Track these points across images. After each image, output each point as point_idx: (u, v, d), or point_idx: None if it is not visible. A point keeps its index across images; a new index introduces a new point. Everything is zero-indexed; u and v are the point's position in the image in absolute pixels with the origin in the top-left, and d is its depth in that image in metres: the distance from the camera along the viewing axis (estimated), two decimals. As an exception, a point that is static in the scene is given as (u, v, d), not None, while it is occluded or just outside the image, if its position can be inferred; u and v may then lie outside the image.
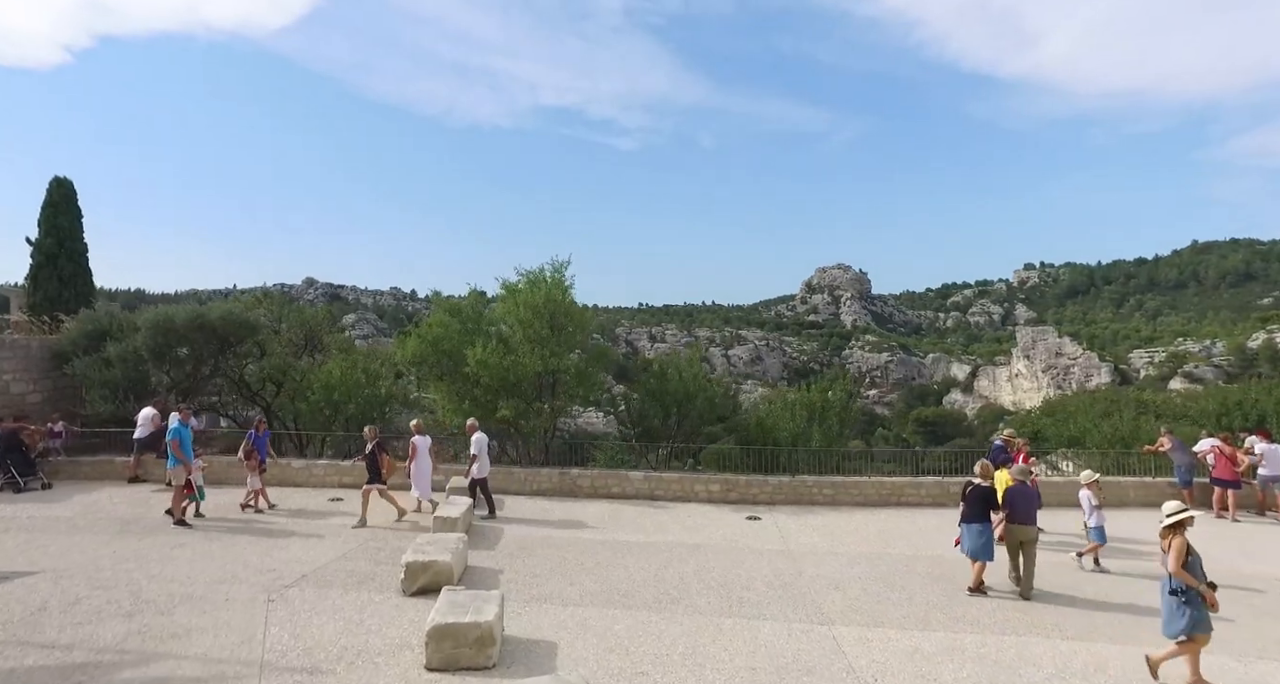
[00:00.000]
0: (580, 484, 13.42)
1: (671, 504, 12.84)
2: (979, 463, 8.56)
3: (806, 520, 11.72)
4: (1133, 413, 19.22)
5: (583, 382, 14.14)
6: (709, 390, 14.90)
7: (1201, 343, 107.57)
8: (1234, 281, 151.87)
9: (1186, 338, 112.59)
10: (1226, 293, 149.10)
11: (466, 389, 13.99)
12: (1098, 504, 9.23)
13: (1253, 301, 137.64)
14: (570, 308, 14.63)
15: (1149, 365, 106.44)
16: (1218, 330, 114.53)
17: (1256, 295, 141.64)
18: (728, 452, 14.71)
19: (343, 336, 20.84)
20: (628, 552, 9.64)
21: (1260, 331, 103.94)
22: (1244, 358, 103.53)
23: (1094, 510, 9.22)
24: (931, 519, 11.82)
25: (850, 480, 13.00)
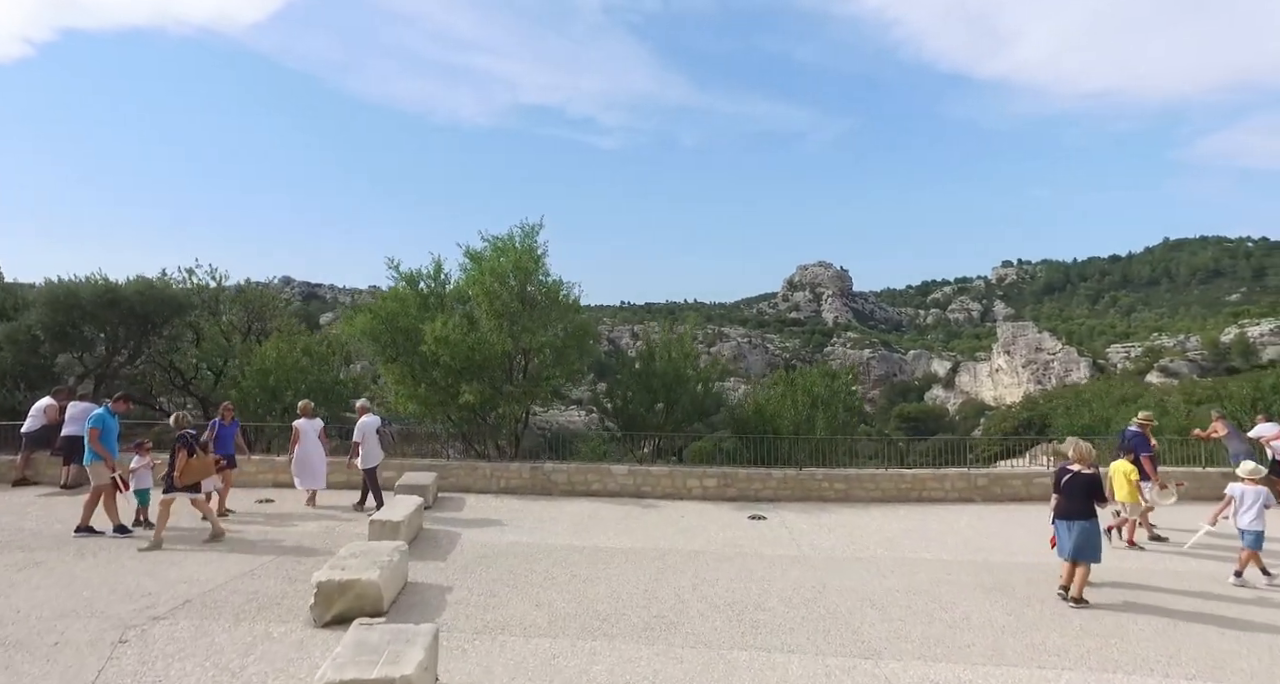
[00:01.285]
0: (555, 480, 11.63)
1: (661, 502, 11.12)
2: (1074, 445, 6.92)
3: (819, 520, 10.07)
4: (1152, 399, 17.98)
5: (560, 361, 12.33)
6: (701, 374, 13.16)
7: (1176, 338, 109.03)
8: (1204, 278, 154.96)
9: (1161, 333, 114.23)
10: (1197, 289, 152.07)
11: (423, 371, 12.10)
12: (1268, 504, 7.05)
13: (1222, 297, 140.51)
14: (544, 279, 12.80)
15: (1126, 360, 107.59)
16: (1191, 325, 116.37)
17: (1225, 291, 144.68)
18: (723, 443, 13.04)
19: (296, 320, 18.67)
20: (610, 561, 7.89)
21: (1233, 326, 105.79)
22: (1217, 352, 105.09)
23: (1254, 507, 7.00)
24: (961, 516, 10.25)
25: (865, 474, 11.40)
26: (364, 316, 12.18)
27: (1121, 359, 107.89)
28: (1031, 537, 8.96)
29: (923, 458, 13.23)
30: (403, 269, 13.31)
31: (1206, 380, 72.36)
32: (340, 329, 12.49)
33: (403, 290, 12.97)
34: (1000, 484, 11.31)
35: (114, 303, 12.90)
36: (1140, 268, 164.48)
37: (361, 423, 9.95)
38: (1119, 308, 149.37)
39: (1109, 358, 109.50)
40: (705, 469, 11.57)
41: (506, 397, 12.04)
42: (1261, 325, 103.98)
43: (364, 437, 9.89)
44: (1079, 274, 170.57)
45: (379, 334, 12.10)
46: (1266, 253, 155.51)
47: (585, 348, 13.09)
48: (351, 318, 12.44)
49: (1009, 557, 8.20)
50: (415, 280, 13.40)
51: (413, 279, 13.38)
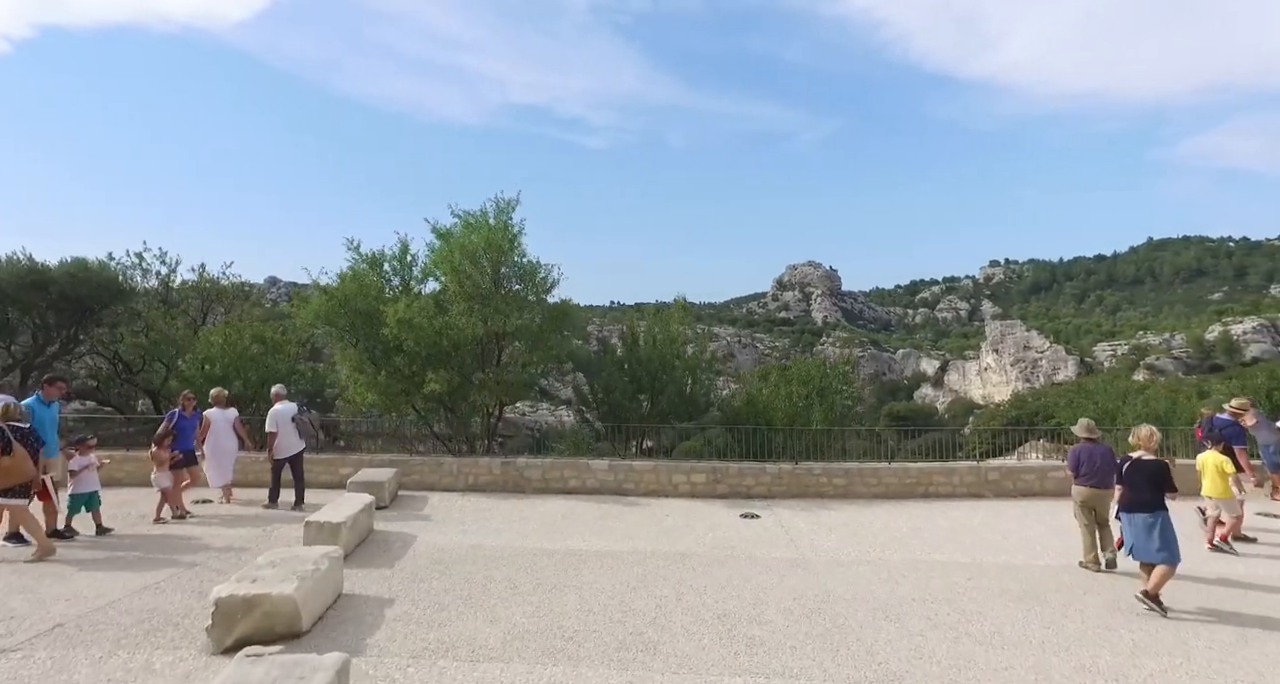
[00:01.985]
0: (529, 477, 10.60)
1: (645, 500, 10.12)
2: (1139, 430, 6.04)
3: (818, 518, 9.13)
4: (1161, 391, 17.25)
5: (537, 348, 11.28)
6: (689, 362, 12.15)
7: (1161, 336, 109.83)
8: (1187, 277, 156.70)
9: (1147, 331, 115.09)
10: (1180, 288, 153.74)
11: (385, 358, 11.02)
12: None
13: (1204, 296, 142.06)
14: (519, 259, 11.75)
15: (1112, 358, 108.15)
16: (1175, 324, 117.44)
17: (1208, 290, 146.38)
18: (714, 439, 12.08)
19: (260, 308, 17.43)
20: (583, 566, 6.89)
21: (1216, 324, 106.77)
22: (1202, 350, 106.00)
23: None
24: (973, 513, 9.34)
25: (867, 468, 10.47)
26: (319, 299, 11.06)
27: (1108, 357, 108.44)
28: (1054, 536, 8.08)
29: (912, 457, 12.40)
30: (364, 249, 12.21)
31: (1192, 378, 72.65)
32: (292, 312, 11.36)
33: (362, 271, 11.87)
34: (1013, 479, 10.43)
35: (40, 286, 11.69)
36: (1125, 267, 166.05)
37: (274, 412, 8.96)
38: (1104, 307, 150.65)
39: (1095, 356, 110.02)
40: (693, 464, 10.59)
41: (478, 386, 10.98)
42: (1244, 323, 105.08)
43: (277, 426, 8.89)
44: (1065, 273, 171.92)
45: (335, 317, 10.99)
46: (1247, 253, 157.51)
47: (565, 334, 12.07)
48: (305, 302, 11.29)
49: (1032, 558, 7.29)
50: (378, 262, 12.30)
51: (375, 260, 12.29)
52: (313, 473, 10.46)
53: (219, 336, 11.65)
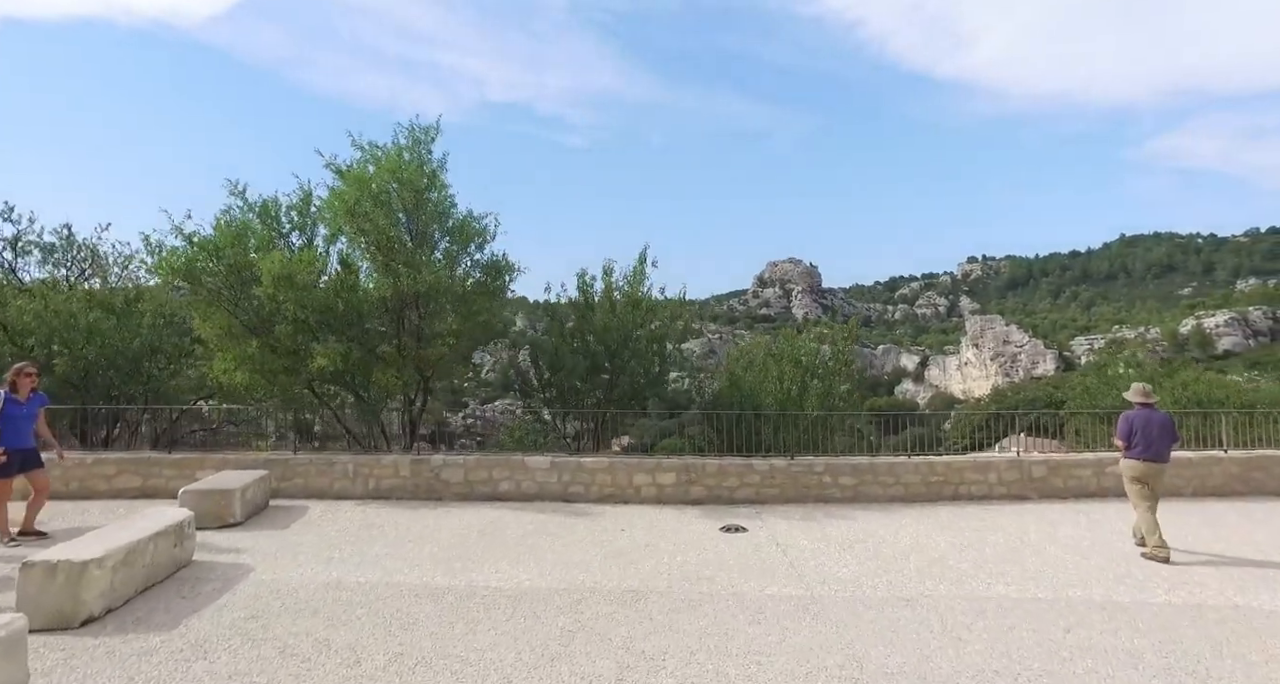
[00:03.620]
0: (447, 479, 8.16)
1: (597, 508, 7.75)
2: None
3: (825, 531, 6.83)
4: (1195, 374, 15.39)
5: (463, 309, 8.82)
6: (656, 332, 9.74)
7: (1136, 330, 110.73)
8: (1158, 273, 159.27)
9: (1122, 325, 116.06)
10: (1152, 283, 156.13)
11: (261, 325, 8.48)
12: None
13: (1175, 291, 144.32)
14: (441, 203, 9.28)
15: (1089, 352, 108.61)
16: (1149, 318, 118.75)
17: (1178, 286, 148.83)
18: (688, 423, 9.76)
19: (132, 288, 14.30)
20: (481, 617, 4.50)
21: (1190, 318, 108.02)
22: (1176, 343, 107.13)
23: None
24: (1023, 522, 7.12)
25: (882, 463, 8.21)
26: (172, 249, 8.45)
27: (1085, 351, 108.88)
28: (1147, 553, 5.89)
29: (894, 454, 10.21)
30: (250, 195, 9.60)
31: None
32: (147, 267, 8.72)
33: (246, 223, 9.28)
34: (1063, 475, 8.27)
35: None
36: (1099, 263, 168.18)
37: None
38: (1080, 302, 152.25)
39: (1073, 350, 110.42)
40: (659, 460, 8.23)
41: (384, 361, 8.48)
42: (1216, 317, 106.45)
43: None
44: (1041, 269, 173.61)
45: (196, 273, 8.40)
46: (1214, 249, 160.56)
47: (503, 299, 9.62)
48: (169, 256, 8.62)
49: (1139, 591, 5.08)
50: (271, 211, 9.71)
51: (267, 209, 9.69)
52: (160, 478, 7.92)
53: (37, 303, 8.95)
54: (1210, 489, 8.27)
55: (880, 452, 9.38)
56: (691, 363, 24.26)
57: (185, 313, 9.42)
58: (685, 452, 10.13)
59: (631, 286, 9.66)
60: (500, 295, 9.48)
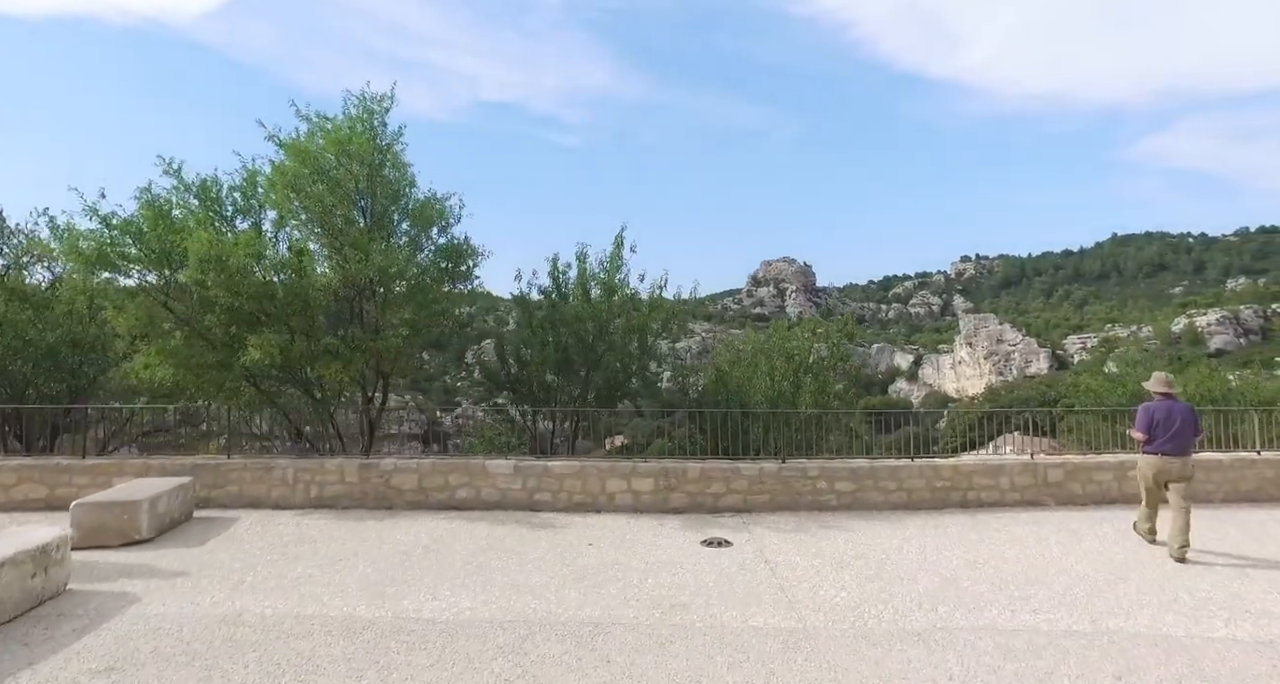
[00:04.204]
0: (399, 485, 7.30)
1: (564, 518, 6.92)
2: None
3: (819, 545, 6.02)
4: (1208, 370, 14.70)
5: (419, 297, 7.95)
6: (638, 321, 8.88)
7: (1129, 328, 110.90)
8: (1149, 272, 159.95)
9: (1115, 324, 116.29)
10: (1144, 282, 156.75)
11: (193, 314, 7.59)
12: None
13: (1166, 290, 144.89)
14: (399, 182, 8.41)
15: (1082, 350, 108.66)
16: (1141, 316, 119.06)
17: (1169, 285, 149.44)
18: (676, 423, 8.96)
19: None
20: (395, 663, 3.65)
21: (1182, 317, 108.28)
22: (1168, 341, 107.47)
23: None
24: (1042, 532, 6.33)
25: (882, 466, 7.41)
26: (95, 233, 7.52)
27: (1078, 350, 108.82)
28: (1195, 574, 5.11)
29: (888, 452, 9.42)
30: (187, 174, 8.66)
31: (1161, 370, 72.62)
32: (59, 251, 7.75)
33: (182, 202, 8.37)
34: (1081, 479, 7.50)
35: None
36: (1091, 262, 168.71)
37: None
38: (1072, 301, 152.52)
39: (1066, 349, 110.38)
40: (634, 464, 7.38)
41: (329, 354, 7.61)
42: (1208, 315, 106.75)
43: None
44: (1034, 268, 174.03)
45: (114, 258, 7.50)
46: (1205, 248, 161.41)
47: (466, 287, 8.76)
48: (76, 239, 7.60)
49: (1195, 623, 4.28)
50: (211, 191, 8.79)
51: (207, 189, 8.76)
52: (69, 488, 7.02)
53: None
54: (1243, 494, 7.52)
55: (875, 452, 8.57)
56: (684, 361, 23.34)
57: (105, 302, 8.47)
58: (670, 454, 9.32)
59: (608, 274, 8.81)
60: (463, 282, 8.62)
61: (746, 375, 9.42)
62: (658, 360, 9.70)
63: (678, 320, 9.04)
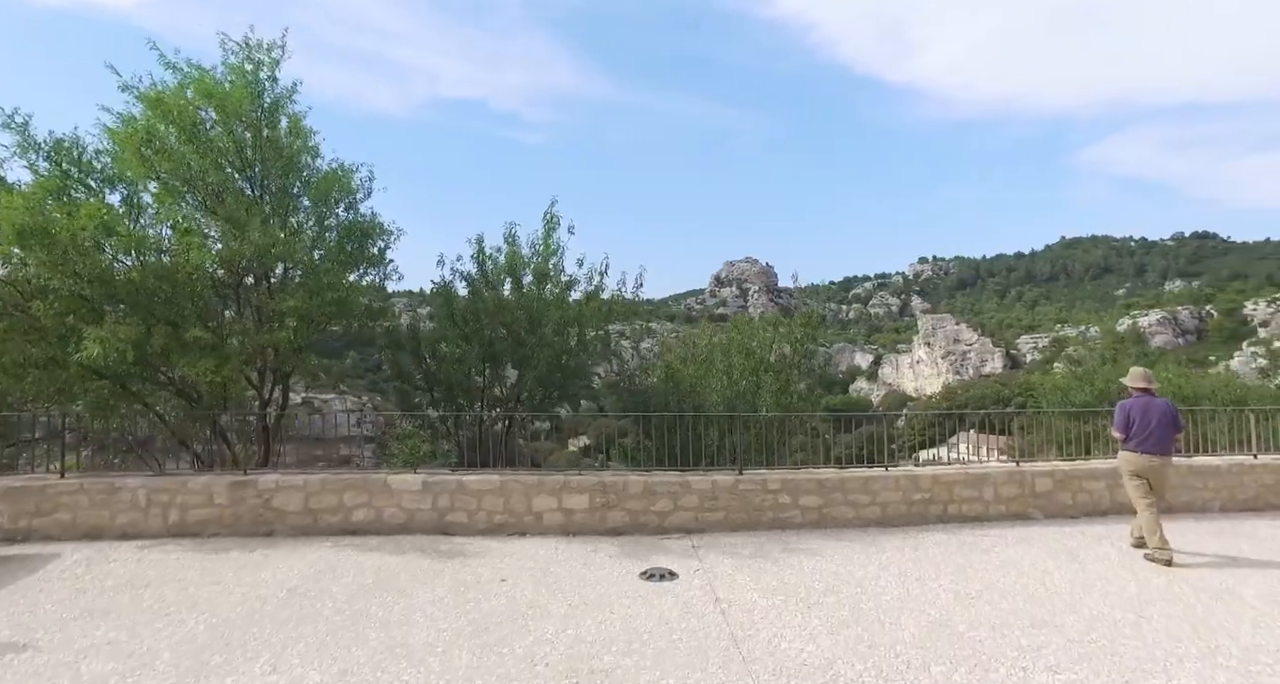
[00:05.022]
0: (281, 507, 6.01)
1: (481, 544, 5.75)
2: None
3: (782, 575, 5.00)
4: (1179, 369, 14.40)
5: (312, 282, 6.66)
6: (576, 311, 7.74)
7: (1078, 328, 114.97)
8: (1095, 274, 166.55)
9: (1064, 324, 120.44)
10: (1090, 284, 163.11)
11: (11, 300, 6.14)
12: None
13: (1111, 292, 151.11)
14: (291, 146, 7.09)
15: (1034, 350, 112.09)
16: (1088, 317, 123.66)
17: (1113, 286, 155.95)
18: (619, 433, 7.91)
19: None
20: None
21: (1126, 317, 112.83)
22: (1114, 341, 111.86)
23: None
24: (1034, 552, 5.46)
25: (853, 476, 6.46)
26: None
27: (1030, 349, 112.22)
28: (1231, 603, 4.28)
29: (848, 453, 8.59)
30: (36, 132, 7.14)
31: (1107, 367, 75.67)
32: None
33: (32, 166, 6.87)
34: (1071, 488, 6.71)
35: None
36: (1041, 265, 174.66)
37: None
38: (1024, 302, 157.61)
39: (1019, 348, 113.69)
40: (566, 477, 6.26)
41: (198, 349, 6.26)
42: (1150, 316, 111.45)
43: None
44: (988, 270, 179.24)
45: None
46: (1146, 252, 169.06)
47: (371, 277, 7.49)
48: None
49: (1252, 679, 3.41)
50: (67, 155, 7.26)
51: (62, 151, 7.23)
52: None
53: None
54: (1242, 503, 6.85)
55: (837, 453, 7.63)
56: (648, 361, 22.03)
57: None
58: (629, 459, 8.22)
59: (541, 257, 7.64)
60: (373, 268, 7.36)
61: (700, 374, 8.40)
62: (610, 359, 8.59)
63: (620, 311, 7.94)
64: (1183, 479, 6.72)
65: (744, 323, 9.92)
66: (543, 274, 7.50)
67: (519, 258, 7.58)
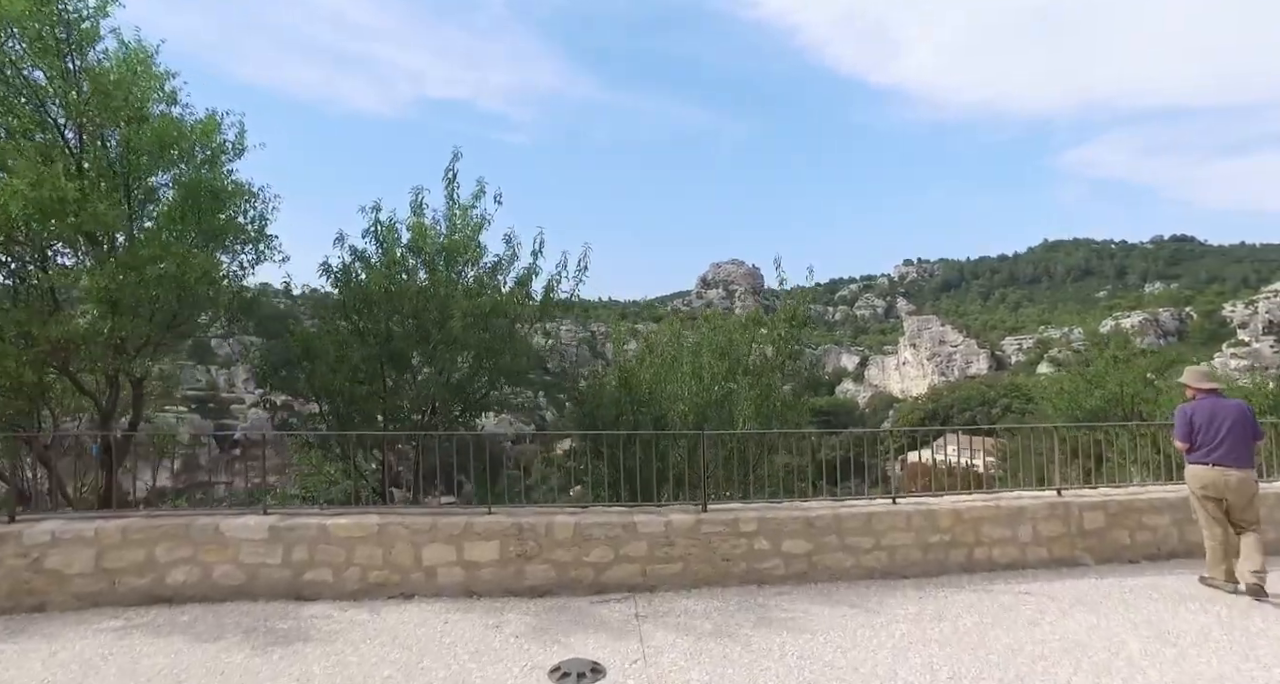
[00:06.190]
0: (59, 569, 4.33)
1: (346, 614, 4.12)
2: None
3: (753, 671, 3.44)
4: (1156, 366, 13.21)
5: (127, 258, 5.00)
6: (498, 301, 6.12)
7: (1061, 330, 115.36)
8: (1077, 276, 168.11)
9: (1047, 326, 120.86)
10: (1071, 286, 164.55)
11: None
12: None
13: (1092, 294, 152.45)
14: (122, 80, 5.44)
15: (1019, 351, 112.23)
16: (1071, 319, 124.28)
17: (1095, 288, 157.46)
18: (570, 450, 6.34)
19: None
20: None
21: (1109, 319, 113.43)
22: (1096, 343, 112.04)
23: None
24: (1115, 620, 3.96)
25: (850, 512, 4.91)
26: None
27: (1015, 351, 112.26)
28: None
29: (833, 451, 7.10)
30: None
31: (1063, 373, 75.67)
32: None
33: None
34: (1129, 524, 5.22)
35: None
36: (1024, 266, 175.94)
37: None
38: (1008, 303, 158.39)
39: (1004, 350, 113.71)
40: (469, 517, 4.66)
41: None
42: (1132, 317, 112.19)
43: None
44: (972, 272, 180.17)
45: None
46: (1126, 254, 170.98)
47: (222, 228, 5.81)
48: None
49: None
50: None
51: None
52: None
53: None
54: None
55: (821, 457, 6.08)
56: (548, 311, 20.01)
57: None
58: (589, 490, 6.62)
59: (451, 226, 6.01)
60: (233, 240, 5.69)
61: (661, 377, 6.84)
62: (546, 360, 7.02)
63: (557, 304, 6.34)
64: (1271, 511, 5.27)
65: (717, 317, 8.39)
66: (456, 252, 5.86)
67: (426, 232, 5.96)
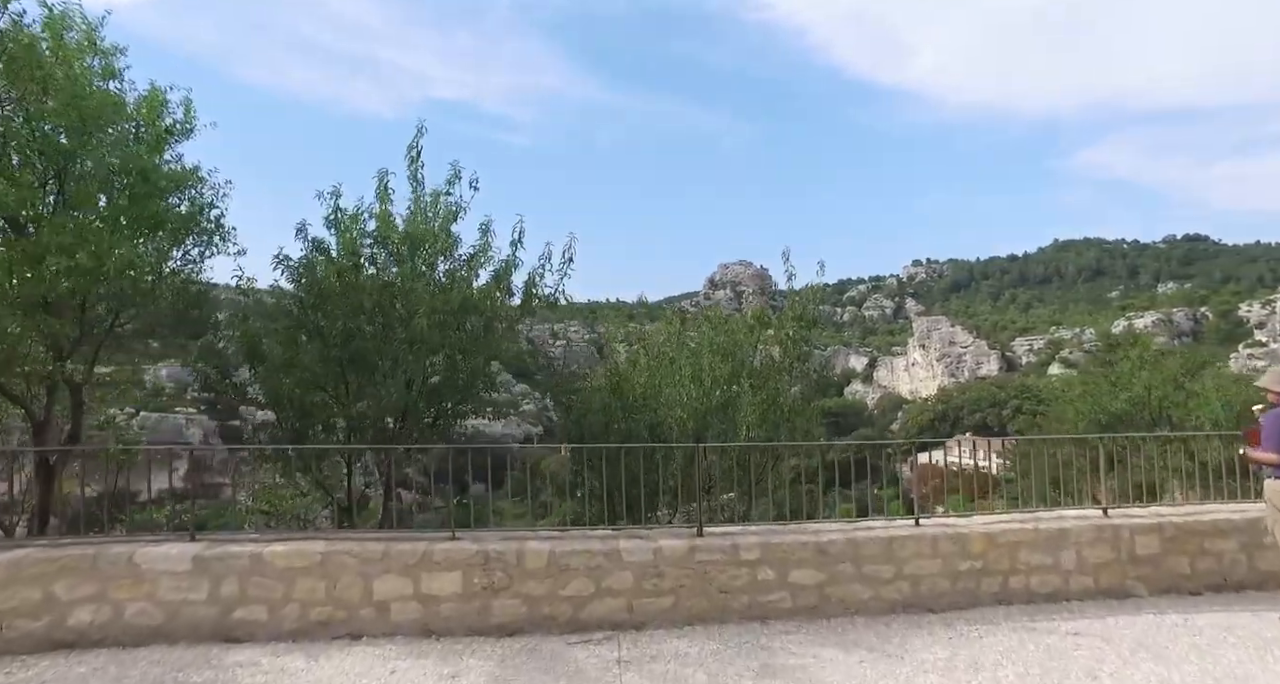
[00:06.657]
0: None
1: (279, 661, 3.51)
2: None
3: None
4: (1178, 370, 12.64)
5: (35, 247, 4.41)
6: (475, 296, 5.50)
7: (1073, 331, 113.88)
8: (1088, 276, 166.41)
9: (1059, 326, 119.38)
10: (1083, 286, 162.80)
11: None
12: None
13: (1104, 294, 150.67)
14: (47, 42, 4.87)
15: (1029, 352, 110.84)
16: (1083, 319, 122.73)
17: (1106, 289, 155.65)
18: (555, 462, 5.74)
19: None
20: None
21: (1121, 319, 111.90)
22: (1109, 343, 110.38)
23: None
24: (1187, 670, 3.29)
25: (867, 537, 4.24)
26: None
27: (1025, 352, 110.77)
28: None
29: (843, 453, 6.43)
30: None
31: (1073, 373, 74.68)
32: None
33: None
34: (1190, 549, 4.53)
35: None
36: (1035, 267, 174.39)
37: None
38: (1018, 304, 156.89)
39: (1014, 351, 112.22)
40: (428, 543, 4.04)
41: None
42: (1145, 317, 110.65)
43: None
44: (981, 272, 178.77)
45: None
46: (1138, 254, 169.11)
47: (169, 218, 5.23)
48: None
49: None
50: None
51: None
52: None
53: None
54: None
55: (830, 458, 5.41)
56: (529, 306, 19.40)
57: None
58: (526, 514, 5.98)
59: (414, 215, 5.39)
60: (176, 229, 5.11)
61: (654, 381, 6.21)
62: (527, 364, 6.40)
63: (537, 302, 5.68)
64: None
65: (719, 314, 7.75)
66: (421, 241, 5.24)
67: (390, 219, 5.36)
